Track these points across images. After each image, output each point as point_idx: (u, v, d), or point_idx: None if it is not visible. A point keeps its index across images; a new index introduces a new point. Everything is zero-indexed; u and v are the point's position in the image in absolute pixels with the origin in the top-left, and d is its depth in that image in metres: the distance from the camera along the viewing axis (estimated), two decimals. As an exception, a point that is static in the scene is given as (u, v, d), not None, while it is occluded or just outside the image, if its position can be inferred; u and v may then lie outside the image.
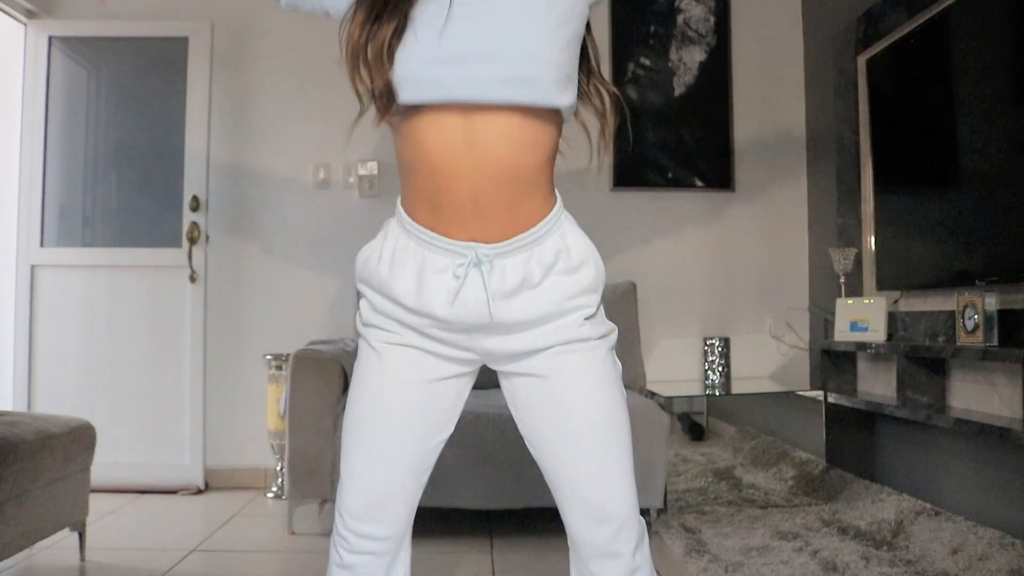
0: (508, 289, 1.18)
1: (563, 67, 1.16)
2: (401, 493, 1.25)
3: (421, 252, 1.20)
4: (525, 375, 1.24)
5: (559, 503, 1.24)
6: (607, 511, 1.20)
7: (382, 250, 1.24)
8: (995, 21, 2.49)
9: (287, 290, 3.68)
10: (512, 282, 1.18)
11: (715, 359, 3.67)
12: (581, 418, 1.21)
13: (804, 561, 2.36)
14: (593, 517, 1.20)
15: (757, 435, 3.85)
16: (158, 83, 3.71)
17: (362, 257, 1.28)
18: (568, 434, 1.21)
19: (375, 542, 1.24)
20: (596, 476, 1.20)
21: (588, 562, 1.22)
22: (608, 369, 1.25)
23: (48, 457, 2.19)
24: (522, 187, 1.18)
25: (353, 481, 1.24)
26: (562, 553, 1.13)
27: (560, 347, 1.21)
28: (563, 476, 1.22)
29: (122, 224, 3.69)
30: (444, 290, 1.19)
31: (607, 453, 1.21)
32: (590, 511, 1.20)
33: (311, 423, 2.72)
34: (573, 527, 1.23)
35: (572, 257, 1.22)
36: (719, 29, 3.91)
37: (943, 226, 2.79)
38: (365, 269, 1.26)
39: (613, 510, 1.20)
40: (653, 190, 3.87)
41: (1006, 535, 2.32)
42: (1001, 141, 2.44)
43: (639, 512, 1.23)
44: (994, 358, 2.33)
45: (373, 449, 1.24)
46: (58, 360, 3.55)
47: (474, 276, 1.18)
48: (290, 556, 2.64)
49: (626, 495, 1.21)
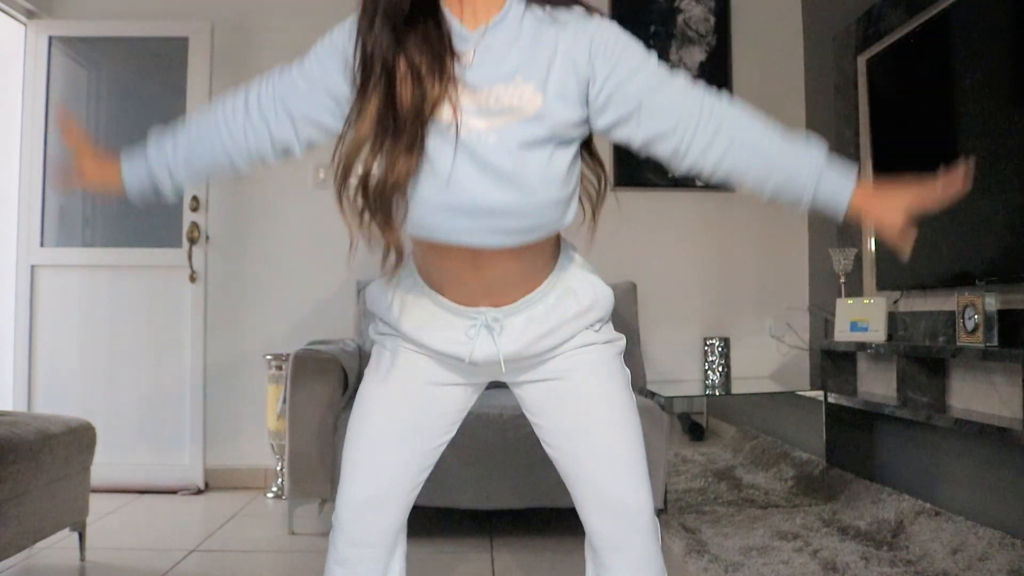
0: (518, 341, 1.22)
1: (567, 194, 1.17)
2: (399, 490, 1.28)
3: (431, 305, 1.25)
4: (537, 382, 1.28)
5: (577, 499, 1.27)
6: (624, 503, 1.23)
7: (392, 296, 1.27)
8: (995, 21, 2.49)
9: (287, 290, 3.68)
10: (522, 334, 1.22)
11: (715, 359, 3.67)
12: (595, 412, 1.25)
13: (804, 561, 2.36)
14: (610, 510, 1.23)
15: (757, 435, 3.86)
16: (158, 83, 3.70)
17: (371, 296, 1.32)
18: (584, 428, 1.25)
19: (372, 535, 1.26)
20: (613, 469, 1.24)
21: (603, 555, 1.25)
22: (616, 370, 1.29)
23: (48, 457, 2.19)
24: (531, 268, 1.22)
25: (355, 473, 1.27)
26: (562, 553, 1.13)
27: (568, 353, 1.25)
28: (581, 472, 1.25)
29: (122, 224, 3.68)
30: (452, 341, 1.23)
31: (623, 446, 1.25)
32: (607, 504, 1.24)
33: (311, 423, 2.72)
34: (591, 521, 1.26)
35: (580, 300, 1.25)
36: (719, 29, 3.91)
37: (943, 226, 2.79)
38: (375, 308, 1.31)
39: (630, 502, 1.23)
40: (653, 190, 3.87)
41: (1006, 535, 2.32)
42: (1001, 141, 2.44)
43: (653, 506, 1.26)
44: (994, 358, 2.33)
45: (376, 444, 1.26)
46: (58, 360, 3.55)
47: (484, 335, 1.22)
48: (290, 556, 2.64)
49: (642, 488, 1.24)
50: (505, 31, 1.13)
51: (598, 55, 1.12)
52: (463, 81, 1.10)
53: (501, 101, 1.09)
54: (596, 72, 1.12)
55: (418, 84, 1.08)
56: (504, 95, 1.09)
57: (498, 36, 1.13)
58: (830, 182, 1.14)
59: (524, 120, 1.09)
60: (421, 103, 1.08)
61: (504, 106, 1.09)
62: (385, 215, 1.11)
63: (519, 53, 1.11)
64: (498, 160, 1.09)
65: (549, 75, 1.11)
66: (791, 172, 1.14)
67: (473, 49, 1.12)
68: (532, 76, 1.10)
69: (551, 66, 1.11)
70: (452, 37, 1.12)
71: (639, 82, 1.13)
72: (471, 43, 1.12)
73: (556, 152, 1.13)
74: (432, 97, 1.08)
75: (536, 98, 1.10)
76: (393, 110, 1.09)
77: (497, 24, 1.13)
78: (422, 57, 1.09)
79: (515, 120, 1.09)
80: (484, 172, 1.10)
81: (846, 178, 1.14)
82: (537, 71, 1.10)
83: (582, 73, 1.12)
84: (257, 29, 3.74)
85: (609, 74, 1.12)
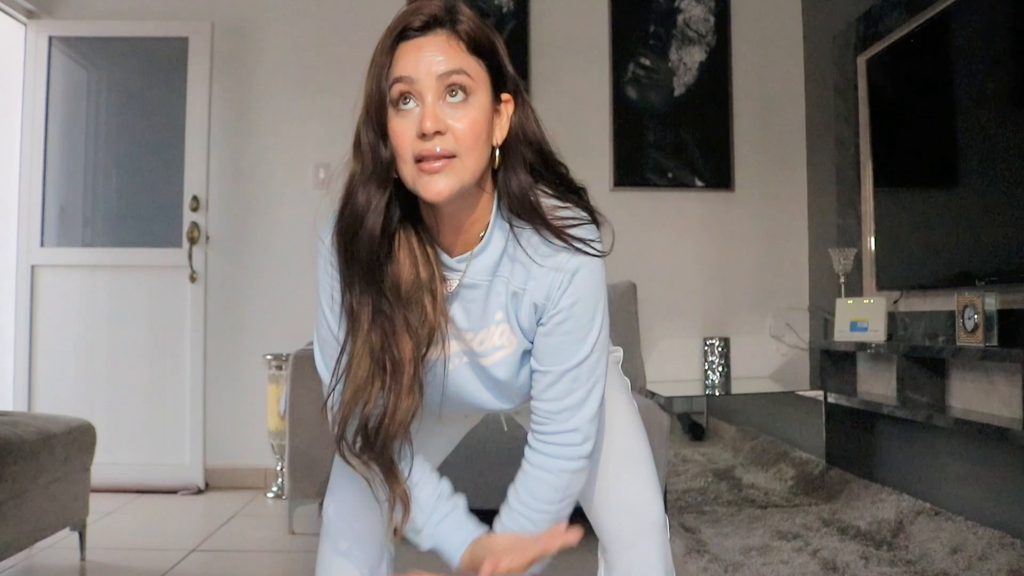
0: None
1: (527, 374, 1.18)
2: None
3: None
4: None
5: (584, 501, 1.28)
6: (631, 502, 1.25)
7: None
8: (995, 21, 2.49)
9: (287, 290, 3.68)
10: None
11: (715, 359, 3.67)
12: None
13: (804, 561, 2.36)
14: (619, 509, 1.25)
15: (757, 435, 3.85)
16: (158, 83, 3.71)
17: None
18: None
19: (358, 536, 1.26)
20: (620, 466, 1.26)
21: (614, 554, 1.26)
22: (615, 378, 1.31)
23: (48, 457, 2.19)
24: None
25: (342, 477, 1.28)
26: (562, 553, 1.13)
27: None
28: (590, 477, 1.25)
29: (122, 224, 3.69)
30: None
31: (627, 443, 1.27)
32: (616, 503, 1.26)
33: (311, 423, 2.72)
34: (601, 522, 1.27)
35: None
36: (719, 29, 3.91)
37: (943, 226, 2.79)
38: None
39: (637, 501, 1.25)
40: (653, 190, 3.87)
41: (1006, 535, 2.32)
42: (1001, 141, 2.44)
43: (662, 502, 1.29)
44: (994, 358, 2.33)
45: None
46: (58, 360, 3.55)
47: None
48: (290, 556, 2.64)
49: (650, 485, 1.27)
50: (486, 261, 1.11)
51: (556, 300, 1.11)
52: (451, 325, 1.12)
53: (485, 344, 1.14)
54: (547, 309, 1.11)
55: (411, 332, 1.08)
56: (487, 338, 1.14)
57: (480, 266, 1.11)
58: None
59: (509, 355, 1.14)
60: (416, 347, 1.08)
61: (488, 348, 1.14)
62: (387, 463, 1.10)
63: (496, 299, 1.12)
64: (485, 379, 1.16)
65: (528, 313, 1.12)
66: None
67: (458, 279, 1.11)
68: (510, 317, 1.13)
69: (519, 307, 1.12)
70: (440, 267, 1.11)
71: (557, 344, 1.12)
72: (456, 272, 1.12)
73: (525, 357, 1.17)
74: (424, 342, 1.09)
75: (515, 339, 1.14)
76: (391, 355, 1.08)
77: (480, 252, 1.11)
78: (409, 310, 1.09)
79: (500, 357, 1.14)
80: (469, 385, 1.17)
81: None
82: (516, 311, 1.12)
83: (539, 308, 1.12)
84: (257, 29, 3.74)
85: (549, 321, 1.11)
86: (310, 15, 3.74)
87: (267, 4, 3.76)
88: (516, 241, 1.10)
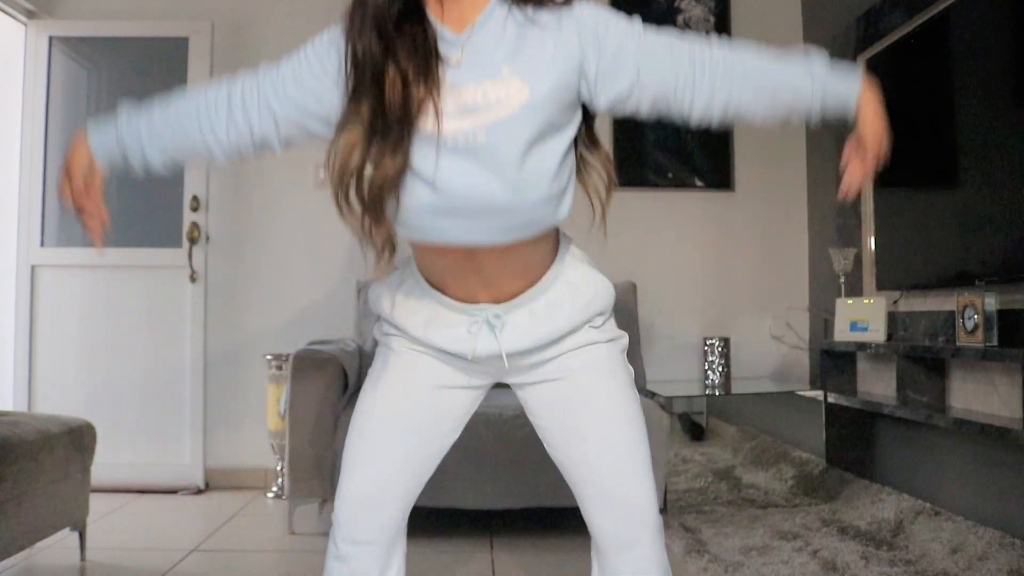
0: (520, 336, 1.23)
1: (558, 190, 1.16)
2: (398, 490, 1.28)
3: (433, 304, 1.25)
4: (539, 383, 1.28)
5: (582, 500, 1.27)
6: (629, 502, 1.24)
7: (395, 296, 1.28)
8: (995, 21, 2.49)
9: (287, 290, 3.68)
10: (523, 329, 1.23)
11: (715, 359, 3.67)
12: (599, 411, 1.26)
13: (804, 561, 2.36)
14: (616, 509, 1.24)
15: (757, 435, 3.85)
16: (158, 83, 3.70)
17: (373, 296, 1.33)
18: (588, 428, 1.25)
19: (370, 533, 1.26)
20: (618, 468, 1.24)
21: (609, 555, 1.25)
22: (619, 368, 1.30)
23: (48, 457, 2.19)
24: (528, 262, 1.22)
25: (354, 471, 1.27)
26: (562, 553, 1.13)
27: (571, 352, 1.26)
28: (586, 472, 1.26)
29: (122, 224, 3.68)
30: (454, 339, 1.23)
31: (626, 443, 1.25)
32: (613, 503, 1.24)
33: (311, 423, 2.72)
34: (596, 521, 1.26)
35: (581, 293, 1.25)
36: (719, 29, 3.91)
37: (943, 226, 2.79)
38: (378, 308, 1.32)
39: (635, 501, 1.24)
40: (653, 190, 3.87)
41: (1006, 535, 2.33)
42: (1001, 141, 2.44)
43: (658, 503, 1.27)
44: (994, 358, 2.33)
45: (376, 443, 1.27)
46: (58, 360, 3.55)
47: (486, 331, 1.22)
48: (290, 556, 2.64)
49: (647, 486, 1.25)
50: (490, 30, 1.14)
51: (587, 40, 1.13)
52: (450, 82, 1.11)
53: (488, 96, 1.10)
54: (587, 56, 1.14)
55: (405, 88, 1.10)
56: (492, 90, 1.10)
57: (484, 36, 1.14)
58: (834, 93, 1.20)
59: (512, 115, 1.09)
60: (407, 106, 1.10)
61: (491, 101, 1.10)
62: (377, 214, 1.13)
63: (505, 49, 1.12)
64: (487, 157, 1.10)
65: (536, 67, 1.11)
66: (795, 92, 1.19)
67: (460, 51, 1.13)
68: (518, 70, 1.11)
69: (538, 59, 1.12)
70: (438, 41, 1.13)
71: (631, 54, 1.14)
72: (458, 46, 1.13)
73: (546, 146, 1.13)
74: (417, 99, 1.10)
75: (523, 91, 1.10)
76: (383, 114, 1.11)
77: (482, 24, 1.14)
78: (409, 63, 1.11)
79: (503, 115, 1.09)
80: (472, 171, 1.10)
81: (849, 83, 1.21)
82: (523, 65, 1.11)
83: (573, 60, 1.13)
84: (257, 29, 3.74)
85: (600, 55, 1.13)
86: (310, 15, 3.74)
87: (267, 4, 3.76)
88: (514, 13, 1.14)
